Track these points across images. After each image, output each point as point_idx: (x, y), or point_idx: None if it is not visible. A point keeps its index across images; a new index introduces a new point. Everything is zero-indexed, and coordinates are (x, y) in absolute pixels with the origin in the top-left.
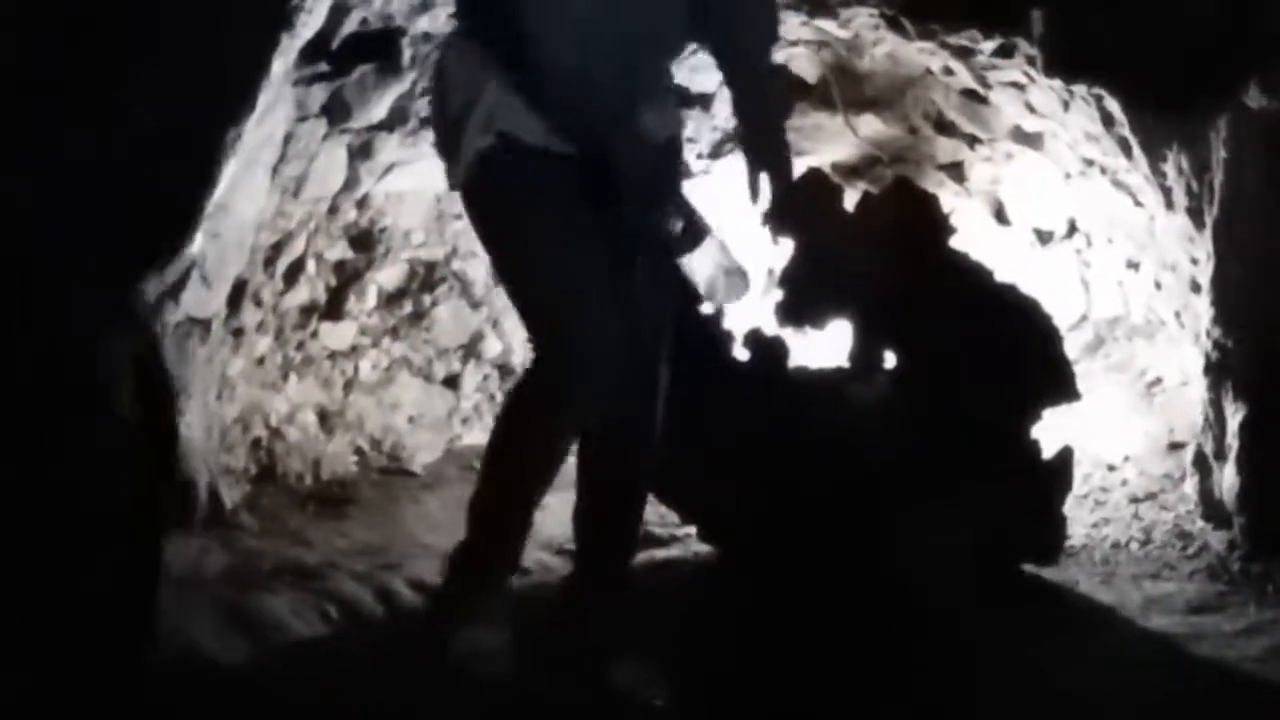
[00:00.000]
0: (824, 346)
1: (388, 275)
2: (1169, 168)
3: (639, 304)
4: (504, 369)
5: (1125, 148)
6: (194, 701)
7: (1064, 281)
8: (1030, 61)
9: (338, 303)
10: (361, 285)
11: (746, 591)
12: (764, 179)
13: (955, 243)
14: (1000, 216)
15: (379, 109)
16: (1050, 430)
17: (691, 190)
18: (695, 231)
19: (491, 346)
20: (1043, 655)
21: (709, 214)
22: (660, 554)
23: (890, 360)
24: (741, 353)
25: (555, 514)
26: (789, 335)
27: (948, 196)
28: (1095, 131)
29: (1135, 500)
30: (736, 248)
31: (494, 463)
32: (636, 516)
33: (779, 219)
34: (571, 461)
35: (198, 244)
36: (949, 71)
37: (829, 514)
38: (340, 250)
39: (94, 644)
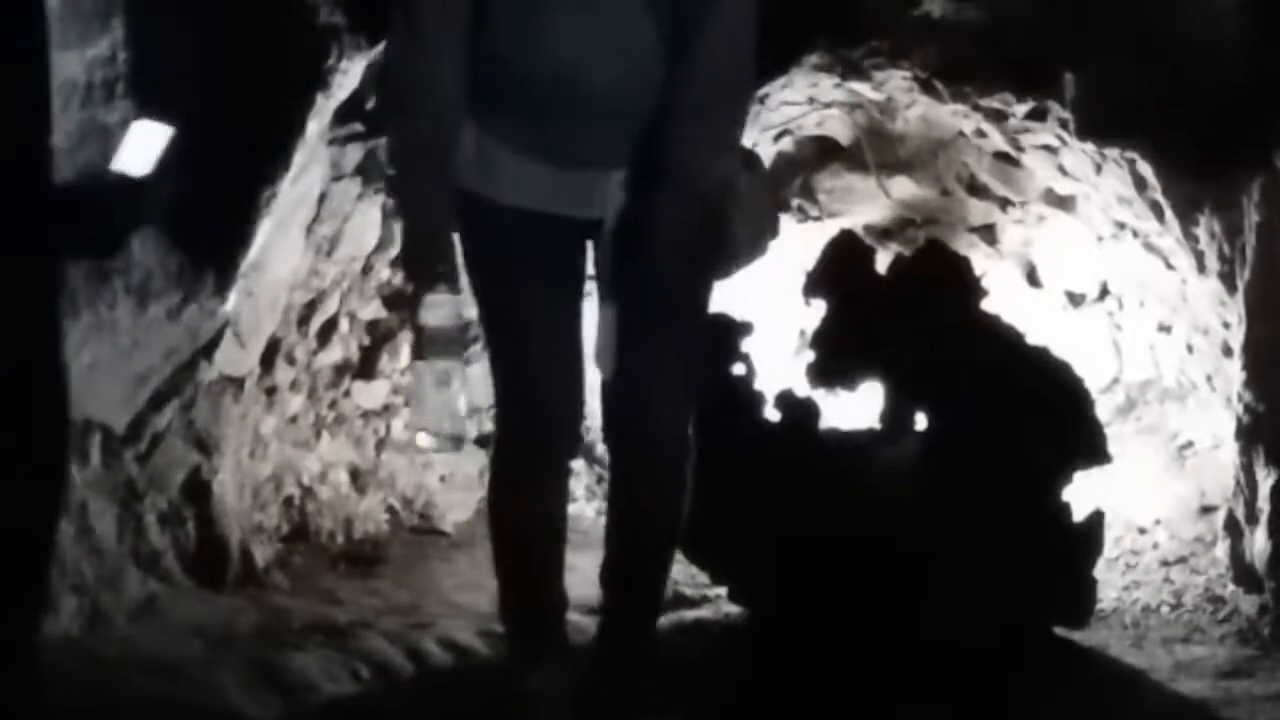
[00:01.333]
0: (855, 408)
1: None
2: (1201, 231)
3: (640, 366)
4: None
5: (1157, 211)
6: None
7: (1096, 344)
8: (1063, 125)
9: (370, 362)
10: (394, 344)
11: (777, 653)
12: None
13: (987, 305)
14: (1032, 279)
15: None
16: (1081, 493)
17: None
18: None
19: None
20: (1073, 719)
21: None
22: (690, 615)
23: (921, 422)
24: (773, 413)
25: (584, 574)
26: (820, 396)
27: (979, 259)
28: (1127, 195)
29: (1166, 564)
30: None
31: (490, 536)
32: (662, 577)
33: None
34: (601, 520)
35: (232, 302)
36: (981, 134)
37: (860, 575)
38: (373, 309)
39: None
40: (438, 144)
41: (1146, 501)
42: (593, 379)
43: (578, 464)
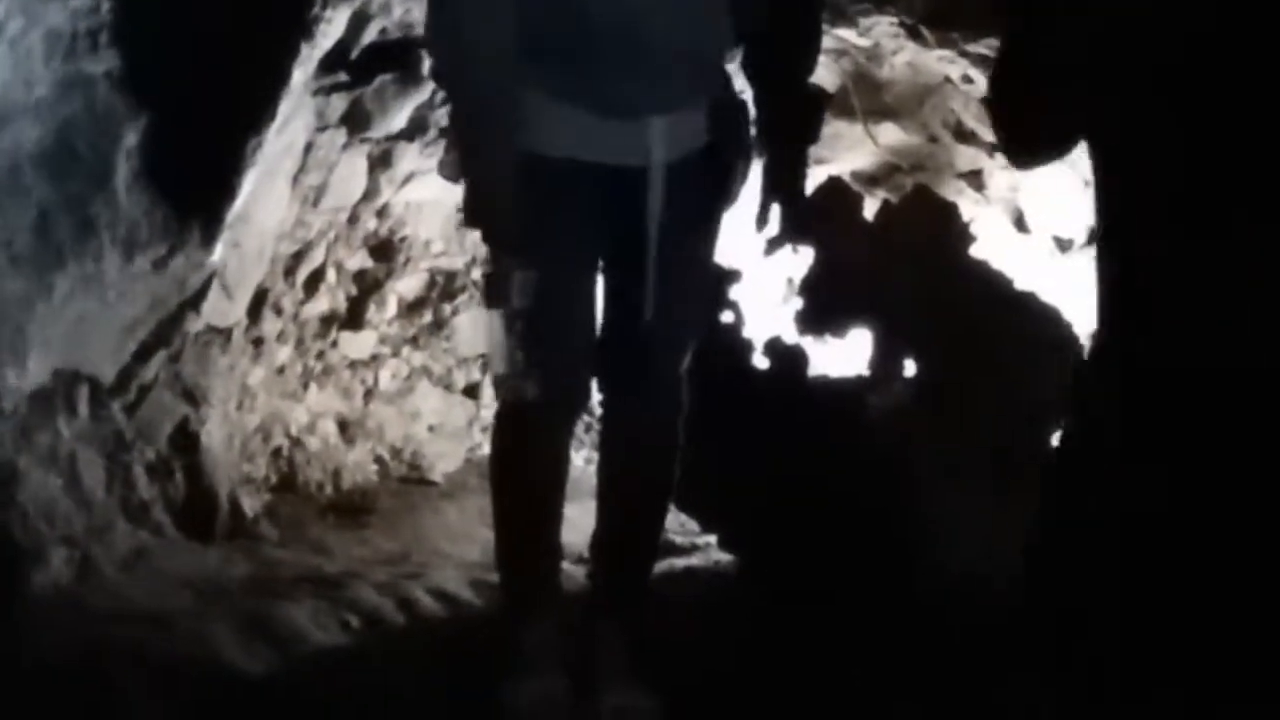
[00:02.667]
0: (844, 355)
1: (407, 284)
2: None
3: (655, 317)
4: None
5: None
6: (216, 711)
7: (1083, 290)
8: None
9: (358, 312)
10: (381, 295)
11: (767, 599)
12: (774, 208)
13: (975, 251)
14: (1020, 224)
15: (398, 118)
16: None
17: None
18: None
19: None
20: None
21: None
22: (680, 562)
23: (910, 369)
24: (761, 361)
25: (574, 523)
26: (809, 344)
27: (967, 205)
28: None
29: None
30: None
31: (493, 487)
32: (656, 527)
33: (796, 230)
34: (592, 470)
35: (218, 253)
36: (968, 80)
37: (848, 522)
38: (360, 260)
39: None
40: (505, 90)
41: None
42: None
43: None
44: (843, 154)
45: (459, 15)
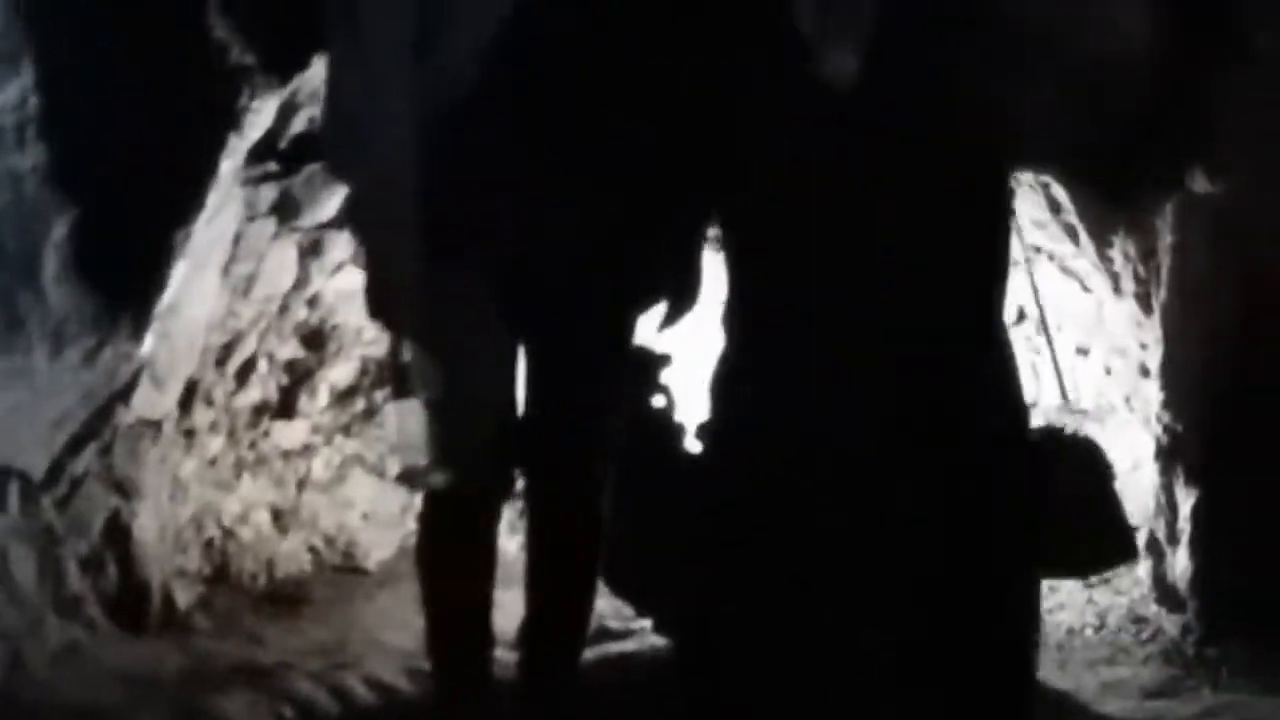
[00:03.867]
0: None
1: (339, 373)
2: (1116, 253)
3: (569, 400)
4: None
5: (1072, 234)
6: None
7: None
8: None
9: (290, 401)
10: (313, 384)
11: (703, 685)
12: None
13: None
14: None
15: (328, 207)
16: None
17: None
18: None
19: None
20: None
21: None
22: (615, 648)
23: None
24: (695, 446)
25: (507, 609)
26: None
27: None
28: (1042, 218)
29: (1089, 585)
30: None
31: (421, 577)
32: (583, 613)
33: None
34: (523, 555)
35: (148, 345)
36: None
37: (786, 606)
38: (291, 349)
39: None
40: (400, 178)
41: None
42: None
43: None
44: None
45: (353, 105)
